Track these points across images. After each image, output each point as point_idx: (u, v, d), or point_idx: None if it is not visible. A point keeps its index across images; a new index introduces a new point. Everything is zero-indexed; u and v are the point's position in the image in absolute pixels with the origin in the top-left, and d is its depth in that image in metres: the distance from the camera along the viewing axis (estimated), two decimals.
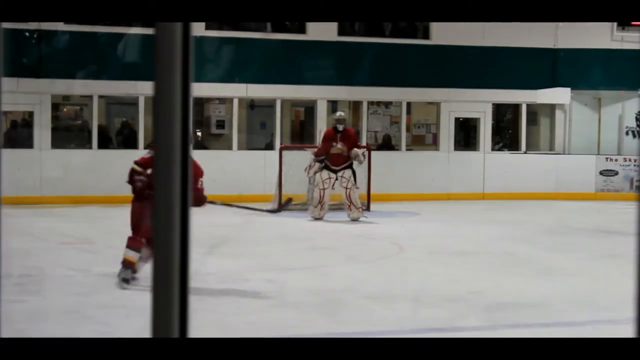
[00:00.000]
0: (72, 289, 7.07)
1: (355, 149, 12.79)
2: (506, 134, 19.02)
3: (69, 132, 16.63)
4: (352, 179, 12.84)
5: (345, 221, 12.98)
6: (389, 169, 16.36)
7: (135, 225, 7.11)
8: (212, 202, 7.89)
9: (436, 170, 17.08)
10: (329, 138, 12.91)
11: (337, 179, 12.80)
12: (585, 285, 7.64)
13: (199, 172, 7.34)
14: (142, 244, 7.03)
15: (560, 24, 17.22)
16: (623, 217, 12.20)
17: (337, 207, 14.49)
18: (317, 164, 12.85)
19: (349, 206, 12.91)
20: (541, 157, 17.87)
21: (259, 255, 9.27)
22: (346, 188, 12.82)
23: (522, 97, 17.82)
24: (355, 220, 12.89)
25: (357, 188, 12.99)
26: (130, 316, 5.95)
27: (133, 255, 7.06)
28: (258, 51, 16.59)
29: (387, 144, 17.65)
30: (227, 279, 7.69)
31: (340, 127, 12.92)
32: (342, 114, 13.60)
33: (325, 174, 12.84)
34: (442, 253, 9.65)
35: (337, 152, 12.80)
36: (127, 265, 7.08)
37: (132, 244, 7.08)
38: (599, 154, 17.98)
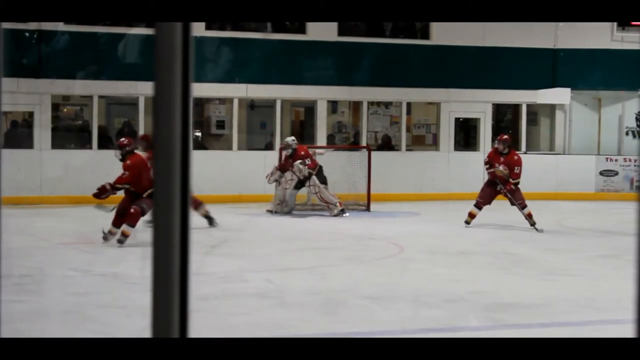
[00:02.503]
0: (72, 289, 7.07)
1: (296, 162, 13.49)
2: (506, 134, 19.00)
3: (69, 132, 16.63)
4: (317, 181, 13.61)
5: (345, 221, 12.99)
6: (389, 169, 16.36)
7: None
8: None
9: (436, 170, 17.08)
10: (286, 160, 13.79)
11: (308, 186, 13.73)
12: (585, 285, 7.65)
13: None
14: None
15: (560, 24, 17.22)
16: (623, 217, 12.19)
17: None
18: (278, 172, 13.70)
19: (327, 206, 13.64)
20: (541, 157, 17.86)
21: (259, 255, 9.27)
22: (315, 193, 13.67)
23: (522, 97, 17.82)
24: (338, 215, 13.48)
25: (326, 188, 13.72)
26: (130, 316, 5.95)
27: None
28: (258, 51, 16.59)
29: (387, 144, 17.65)
30: (227, 279, 7.69)
31: (289, 152, 13.63)
32: (288, 139, 13.91)
33: (289, 174, 13.61)
34: (442, 253, 9.65)
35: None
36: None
37: None
38: (599, 154, 17.99)
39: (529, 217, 12.00)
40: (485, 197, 12.33)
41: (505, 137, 12.85)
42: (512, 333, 5.68)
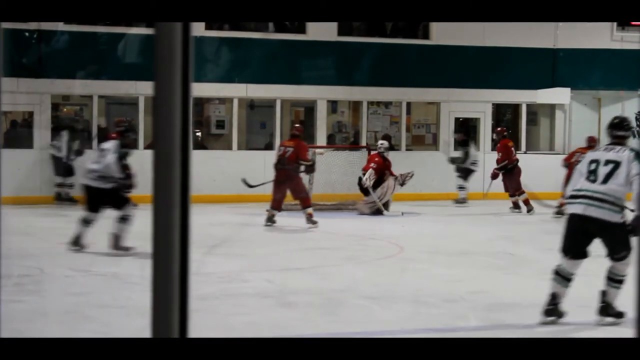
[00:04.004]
0: (72, 289, 7.07)
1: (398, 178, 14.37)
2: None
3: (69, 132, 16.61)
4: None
5: (345, 221, 12.98)
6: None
7: None
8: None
9: (436, 170, 17.07)
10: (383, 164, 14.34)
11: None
12: (585, 285, 7.63)
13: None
14: None
15: (560, 24, 17.21)
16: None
17: (336, 208, 14.51)
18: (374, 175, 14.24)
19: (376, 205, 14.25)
20: (541, 157, 17.86)
21: (259, 255, 9.27)
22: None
23: (522, 97, 17.82)
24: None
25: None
26: (130, 316, 5.94)
27: None
28: (258, 51, 16.59)
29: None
30: (227, 279, 7.69)
31: (385, 153, 14.40)
32: (386, 144, 14.68)
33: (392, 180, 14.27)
34: (442, 253, 9.65)
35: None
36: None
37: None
38: None
39: (525, 203, 14.41)
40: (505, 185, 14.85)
41: (498, 129, 15.39)
42: (512, 333, 5.69)
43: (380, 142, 14.82)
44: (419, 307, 6.52)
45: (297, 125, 13.59)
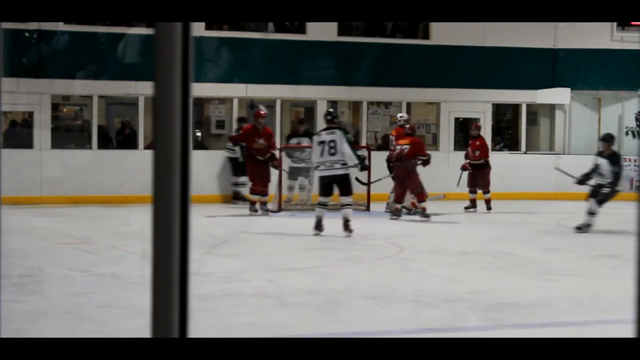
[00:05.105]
0: (72, 289, 7.07)
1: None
2: (506, 134, 19.02)
3: (69, 132, 16.63)
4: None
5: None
6: None
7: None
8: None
9: (436, 170, 17.06)
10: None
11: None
12: (585, 285, 7.64)
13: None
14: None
15: (560, 24, 17.22)
16: (623, 217, 12.20)
17: (336, 207, 14.48)
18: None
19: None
20: (541, 157, 17.86)
21: (259, 255, 9.27)
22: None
23: (522, 97, 17.82)
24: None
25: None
26: (130, 316, 5.94)
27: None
28: (258, 51, 16.59)
29: (387, 144, 17.62)
30: (227, 279, 7.69)
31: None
32: (405, 116, 14.92)
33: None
34: (442, 253, 9.65)
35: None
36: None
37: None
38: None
39: (487, 202, 14.64)
40: (472, 182, 15.03)
41: (479, 124, 15.77)
42: (512, 333, 5.68)
43: (399, 114, 14.98)
44: (419, 307, 6.52)
45: (407, 125, 14.07)
